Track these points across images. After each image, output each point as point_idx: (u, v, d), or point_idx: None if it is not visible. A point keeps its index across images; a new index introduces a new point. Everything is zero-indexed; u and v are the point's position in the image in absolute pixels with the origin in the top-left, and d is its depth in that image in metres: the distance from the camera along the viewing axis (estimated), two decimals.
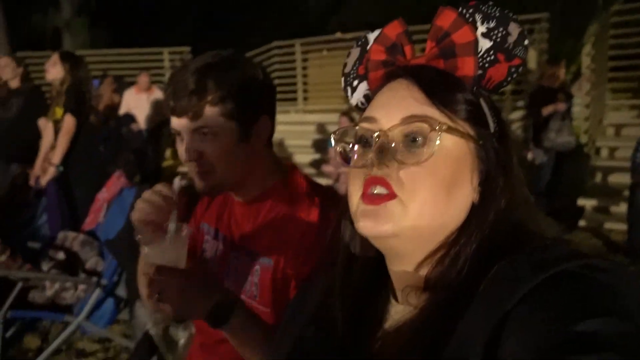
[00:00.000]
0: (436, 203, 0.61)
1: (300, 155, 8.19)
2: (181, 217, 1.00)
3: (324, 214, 1.10)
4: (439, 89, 0.64)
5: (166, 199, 1.04)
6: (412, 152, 0.62)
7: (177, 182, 1.03)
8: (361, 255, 0.72)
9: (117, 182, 3.42)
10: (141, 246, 0.96)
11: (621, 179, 5.65)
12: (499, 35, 0.65)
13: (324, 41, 9.24)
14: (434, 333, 0.58)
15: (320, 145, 7.97)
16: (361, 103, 0.76)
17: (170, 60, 10.26)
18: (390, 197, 0.62)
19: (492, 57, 0.66)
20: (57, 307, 2.91)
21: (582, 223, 5.35)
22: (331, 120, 7.81)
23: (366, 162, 0.64)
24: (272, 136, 1.19)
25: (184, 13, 15.02)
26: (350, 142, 0.70)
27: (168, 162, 8.39)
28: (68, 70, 3.70)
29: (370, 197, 0.63)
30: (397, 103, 0.65)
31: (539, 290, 0.52)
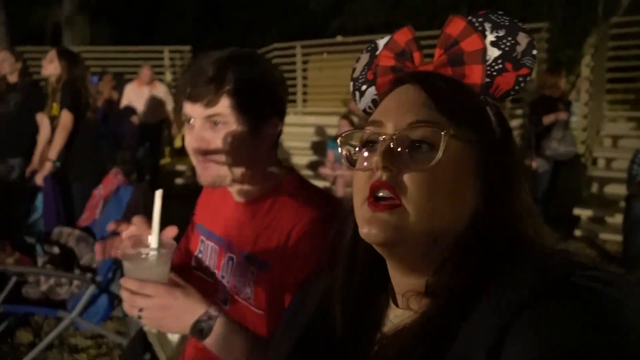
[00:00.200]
0: (439, 208, 0.61)
1: (298, 157, 8.18)
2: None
3: (321, 218, 1.09)
4: (446, 95, 0.64)
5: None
6: (417, 157, 0.62)
7: (159, 194, 0.99)
8: (363, 260, 0.72)
9: (114, 179, 3.40)
10: (123, 261, 0.94)
11: (617, 189, 5.68)
12: (508, 44, 0.66)
13: (324, 44, 9.25)
14: (434, 338, 0.57)
15: (319, 147, 7.97)
16: (369, 107, 0.77)
17: (170, 59, 10.24)
18: (394, 204, 0.62)
19: (500, 66, 0.66)
20: (51, 303, 2.89)
21: (578, 233, 5.37)
22: (330, 123, 7.81)
23: (371, 166, 0.64)
24: (278, 139, 1.19)
25: (184, 12, 15.03)
26: (356, 145, 0.70)
27: (166, 160, 8.37)
28: (65, 67, 3.68)
29: (375, 203, 0.63)
30: (403, 108, 0.65)
31: (543, 299, 0.51)
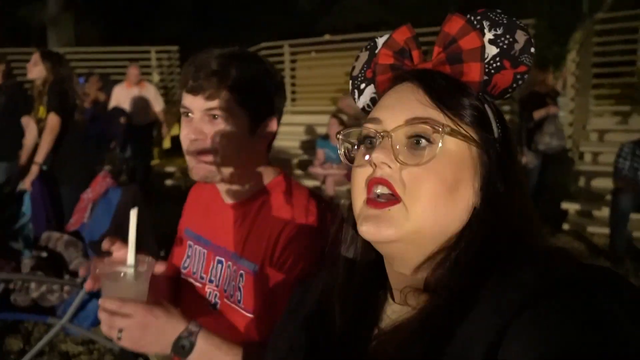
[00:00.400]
0: (438, 205, 0.62)
1: (288, 156, 8.17)
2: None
3: (310, 221, 1.09)
4: (444, 93, 0.64)
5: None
6: (414, 153, 0.63)
7: (134, 212, 0.96)
8: (362, 257, 0.73)
9: (102, 182, 3.37)
10: (101, 280, 0.92)
11: (604, 183, 5.75)
12: (506, 42, 0.66)
13: (312, 43, 9.24)
14: (432, 334, 0.58)
15: (308, 146, 7.97)
16: (367, 106, 0.77)
17: (157, 59, 10.17)
18: (393, 201, 0.62)
19: (498, 64, 0.66)
20: (40, 309, 2.85)
21: (565, 226, 5.43)
22: (319, 122, 7.81)
23: (369, 163, 0.64)
24: (273, 140, 1.19)
25: (172, 12, 14.91)
26: (354, 142, 0.70)
27: (155, 162, 8.30)
28: (50, 69, 3.65)
29: (374, 201, 0.63)
30: (401, 105, 0.65)
31: (542, 298, 0.52)
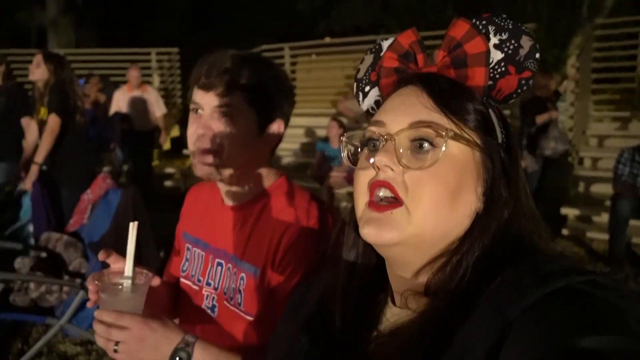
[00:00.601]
0: (440, 209, 0.62)
1: (287, 158, 8.17)
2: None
3: (312, 224, 1.09)
4: (449, 97, 0.65)
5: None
6: (417, 157, 0.63)
7: (132, 225, 0.96)
8: (363, 260, 0.73)
9: (102, 183, 3.37)
10: (99, 292, 0.92)
11: (603, 189, 5.75)
12: (511, 47, 0.66)
13: (312, 45, 9.26)
14: (433, 338, 0.58)
15: (307, 149, 7.96)
16: (372, 108, 0.77)
17: (157, 61, 10.16)
18: (395, 204, 0.62)
19: (503, 69, 0.66)
20: (39, 309, 2.85)
21: (565, 232, 5.42)
22: (319, 124, 7.81)
23: (372, 165, 0.64)
24: (278, 145, 1.19)
25: (172, 14, 14.93)
26: (357, 145, 0.70)
27: (154, 163, 8.29)
28: (52, 71, 3.66)
29: (377, 204, 0.63)
30: (405, 108, 0.65)
31: (543, 303, 0.52)
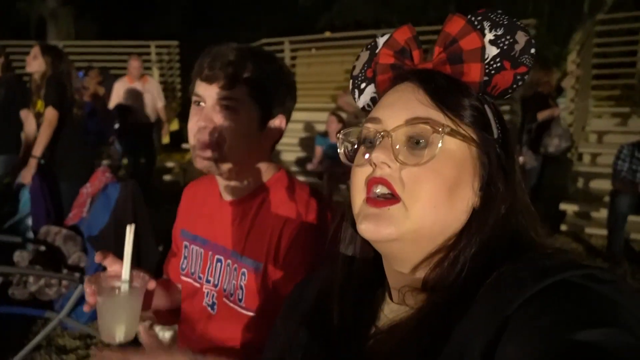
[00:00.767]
0: (437, 205, 0.62)
1: (286, 153, 8.17)
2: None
3: (312, 217, 1.09)
4: (445, 93, 0.65)
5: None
6: (414, 153, 0.63)
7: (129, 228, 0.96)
8: (360, 256, 0.73)
9: (101, 177, 3.37)
10: (97, 296, 0.93)
11: (602, 185, 5.76)
12: (506, 42, 0.66)
13: (312, 40, 9.23)
14: (431, 334, 0.58)
15: (307, 143, 7.96)
16: (368, 105, 0.77)
17: (157, 54, 10.12)
18: (393, 201, 0.62)
19: (498, 64, 0.66)
20: (38, 303, 2.86)
21: (564, 227, 5.42)
22: (318, 119, 7.80)
23: (369, 162, 0.64)
24: (278, 140, 1.19)
25: (171, 6, 14.87)
26: (354, 142, 0.70)
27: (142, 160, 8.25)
28: (49, 63, 3.64)
29: (374, 200, 0.63)
30: (402, 105, 0.65)
31: (540, 298, 0.52)
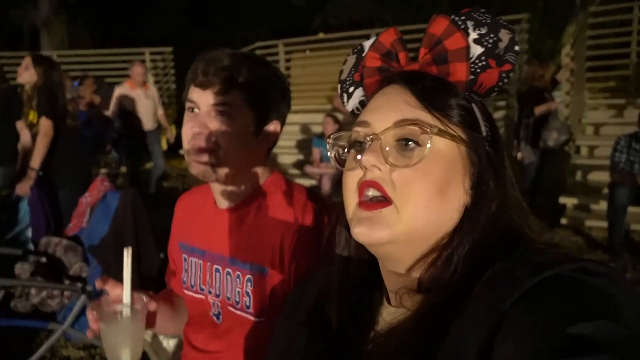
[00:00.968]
0: (429, 205, 0.62)
1: (283, 155, 8.17)
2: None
3: (312, 218, 1.09)
4: (432, 93, 0.65)
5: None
6: (404, 154, 0.63)
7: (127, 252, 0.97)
8: (356, 259, 0.73)
9: (100, 186, 3.36)
10: (99, 322, 0.94)
11: (601, 177, 5.77)
12: (490, 41, 0.67)
13: (306, 41, 9.24)
14: (427, 334, 0.58)
15: (304, 145, 7.96)
16: (357, 109, 0.77)
17: (152, 61, 10.14)
18: (384, 203, 0.63)
19: (483, 63, 0.67)
20: (40, 315, 2.85)
21: (564, 221, 5.43)
22: (314, 121, 7.81)
23: (360, 165, 0.64)
24: (274, 145, 1.19)
25: (165, 12, 14.88)
26: (344, 145, 0.71)
27: (150, 165, 8.27)
28: (41, 74, 3.61)
29: (366, 203, 0.64)
30: (389, 107, 0.66)
31: (534, 293, 0.52)
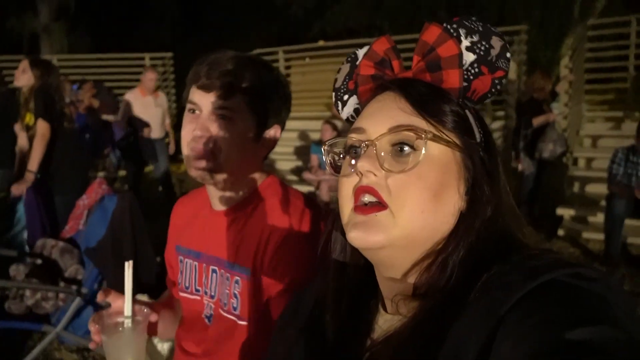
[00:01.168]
0: (424, 210, 0.62)
1: (281, 162, 8.18)
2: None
3: (302, 223, 1.09)
4: (426, 100, 0.66)
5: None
6: (399, 160, 0.64)
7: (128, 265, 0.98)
8: (352, 266, 0.73)
9: (98, 189, 3.37)
10: (101, 335, 0.95)
11: (598, 189, 5.78)
12: (483, 48, 0.67)
13: (306, 49, 9.29)
14: (425, 340, 0.58)
15: (302, 152, 7.97)
16: (351, 117, 0.78)
17: (152, 66, 10.16)
18: (380, 207, 0.63)
19: (476, 70, 0.68)
20: (34, 316, 2.84)
21: (561, 232, 5.43)
22: (313, 128, 7.82)
23: (355, 172, 0.65)
24: (272, 149, 1.19)
25: (164, 18, 14.95)
26: (340, 152, 0.71)
27: (149, 168, 8.27)
28: (38, 77, 3.61)
29: (362, 208, 0.64)
30: (384, 114, 0.66)
31: (530, 298, 0.52)
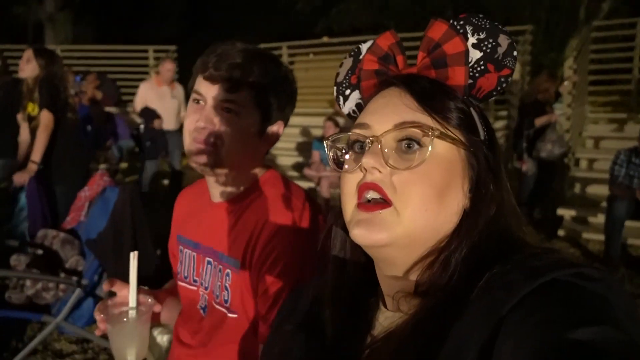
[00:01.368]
0: (428, 208, 0.62)
1: (283, 157, 8.18)
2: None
3: (296, 218, 1.09)
4: (431, 96, 0.65)
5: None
6: (404, 157, 0.63)
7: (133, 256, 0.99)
8: (352, 262, 0.73)
9: (99, 180, 3.37)
10: (106, 324, 0.96)
11: (599, 190, 5.78)
12: (489, 46, 0.67)
13: (310, 45, 9.27)
14: (426, 338, 0.58)
15: (304, 148, 7.97)
16: (353, 112, 0.77)
17: (155, 59, 10.14)
18: (384, 204, 0.62)
19: (482, 67, 0.67)
20: (34, 307, 2.86)
21: (561, 233, 5.43)
22: (315, 124, 7.82)
23: (359, 168, 0.64)
24: (273, 145, 1.19)
25: (169, 11, 14.93)
26: (343, 148, 0.70)
27: (164, 167, 8.25)
28: (43, 67, 3.59)
29: (365, 205, 0.63)
30: (389, 110, 0.66)
31: (532, 297, 0.52)
